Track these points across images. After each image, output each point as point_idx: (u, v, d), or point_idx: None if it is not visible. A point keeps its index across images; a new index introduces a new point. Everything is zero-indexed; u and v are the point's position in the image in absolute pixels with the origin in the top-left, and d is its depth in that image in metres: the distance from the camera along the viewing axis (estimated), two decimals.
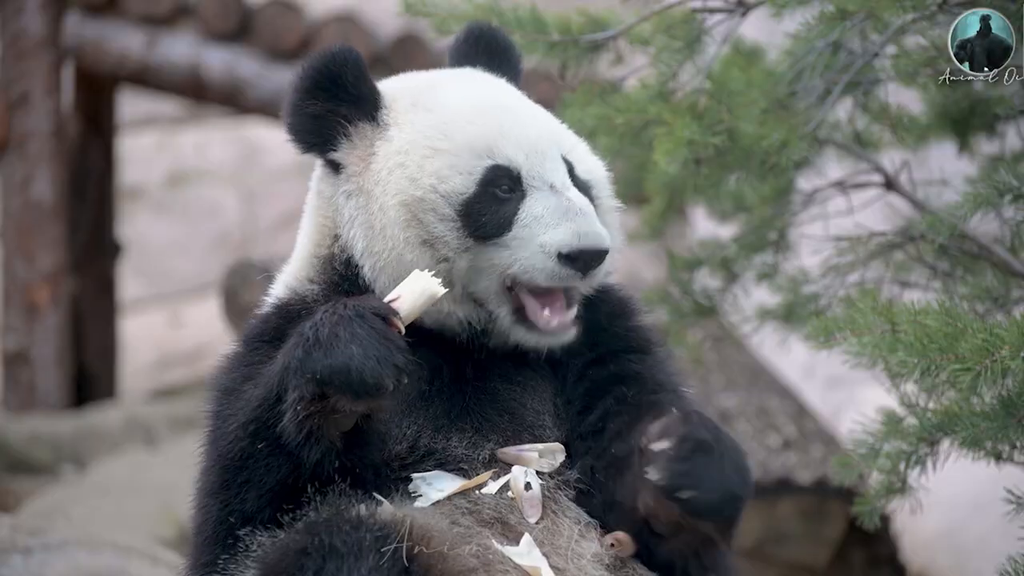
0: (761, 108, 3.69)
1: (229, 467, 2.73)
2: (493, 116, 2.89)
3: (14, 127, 9.20)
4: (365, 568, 2.58)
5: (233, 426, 2.73)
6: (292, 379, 2.61)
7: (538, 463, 2.83)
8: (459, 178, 2.84)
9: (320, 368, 2.58)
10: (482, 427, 2.85)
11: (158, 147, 14.57)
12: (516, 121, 2.90)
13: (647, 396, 2.87)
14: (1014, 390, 3.18)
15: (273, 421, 2.66)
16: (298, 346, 2.62)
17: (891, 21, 3.57)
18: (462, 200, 2.84)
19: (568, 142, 2.97)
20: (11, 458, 7.74)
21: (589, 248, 2.77)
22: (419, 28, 8.64)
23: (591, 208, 2.83)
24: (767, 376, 6.07)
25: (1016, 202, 3.48)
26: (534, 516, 2.78)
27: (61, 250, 9.26)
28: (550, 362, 2.93)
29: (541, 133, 2.90)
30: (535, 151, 2.87)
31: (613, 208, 3.00)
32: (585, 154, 3.00)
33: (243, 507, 2.72)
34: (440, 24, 3.78)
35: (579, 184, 2.91)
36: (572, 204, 2.81)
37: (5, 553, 4.23)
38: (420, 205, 2.84)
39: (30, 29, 9.21)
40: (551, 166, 2.87)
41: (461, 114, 2.90)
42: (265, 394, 2.68)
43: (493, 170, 2.85)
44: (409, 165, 2.86)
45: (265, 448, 2.69)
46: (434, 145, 2.87)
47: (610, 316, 2.99)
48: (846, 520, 5.54)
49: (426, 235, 2.84)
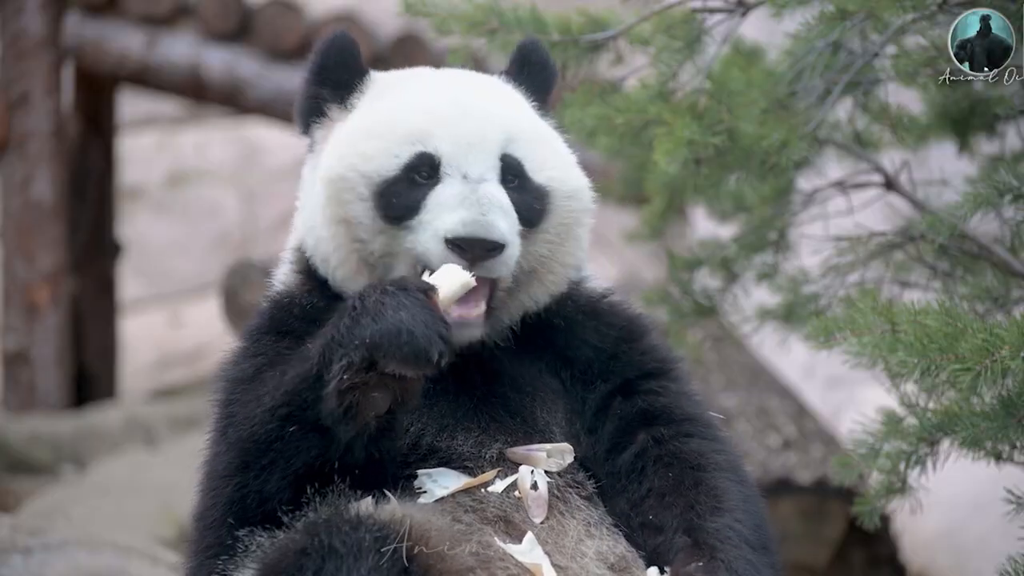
0: (761, 108, 3.69)
1: (251, 449, 2.72)
2: (439, 108, 2.90)
3: (14, 127, 9.20)
4: (364, 568, 2.58)
5: (258, 410, 2.72)
6: (339, 349, 2.62)
7: (547, 463, 2.84)
8: (383, 159, 2.86)
9: (371, 333, 2.59)
10: (489, 427, 2.86)
11: (158, 147, 14.57)
12: (460, 114, 2.89)
13: (682, 443, 2.88)
14: (1014, 390, 3.18)
15: (310, 401, 2.66)
16: (343, 317, 2.64)
17: (891, 21, 3.57)
18: (382, 181, 2.85)
19: (528, 146, 2.92)
20: (11, 458, 7.74)
21: (471, 237, 2.75)
22: (419, 28, 8.64)
23: (497, 202, 2.79)
24: (767, 376, 6.07)
25: (1016, 202, 3.48)
26: (540, 516, 2.78)
27: (61, 250, 9.26)
28: (561, 378, 2.94)
29: (482, 128, 2.88)
30: (463, 142, 2.86)
31: (576, 221, 2.94)
32: (553, 161, 2.95)
33: (263, 488, 2.71)
34: (440, 24, 3.77)
35: (530, 188, 2.88)
36: (474, 194, 2.79)
37: (5, 553, 4.23)
38: (341, 183, 2.87)
39: (30, 29, 9.21)
40: (474, 158, 2.85)
41: (409, 104, 2.93)
42: (302, 373, 2.68)
43: (419, 157, 2.86)
44: (344, 145, 2.90)
45: (296, 431, 2.68)
46: (372, 129, 2.90)
47: (619, 340, 2.98)
48: (846, 520, 5.54)
49: (343, 214, 2.87)
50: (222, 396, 2.86)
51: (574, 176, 2.97)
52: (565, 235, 2.92)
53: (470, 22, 3.75)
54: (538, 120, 3.01)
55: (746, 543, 2.76)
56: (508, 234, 2.78)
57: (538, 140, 2.95)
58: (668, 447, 2.88)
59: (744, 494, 2.85)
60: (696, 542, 2.76)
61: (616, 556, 2.79)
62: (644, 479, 2.87)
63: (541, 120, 3.03)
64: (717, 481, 2.84)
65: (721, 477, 2.85)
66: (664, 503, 2.83)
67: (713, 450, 2.89)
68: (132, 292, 13.16)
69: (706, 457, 2.87)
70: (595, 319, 3.00)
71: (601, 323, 2.99)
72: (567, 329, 2.97)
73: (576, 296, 3.01)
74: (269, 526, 2.72)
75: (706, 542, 2.75)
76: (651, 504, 2.84)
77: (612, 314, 3.02)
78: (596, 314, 3.00)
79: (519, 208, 2.85)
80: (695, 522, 2.78)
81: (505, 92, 3.04)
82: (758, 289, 4.38)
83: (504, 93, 3.04)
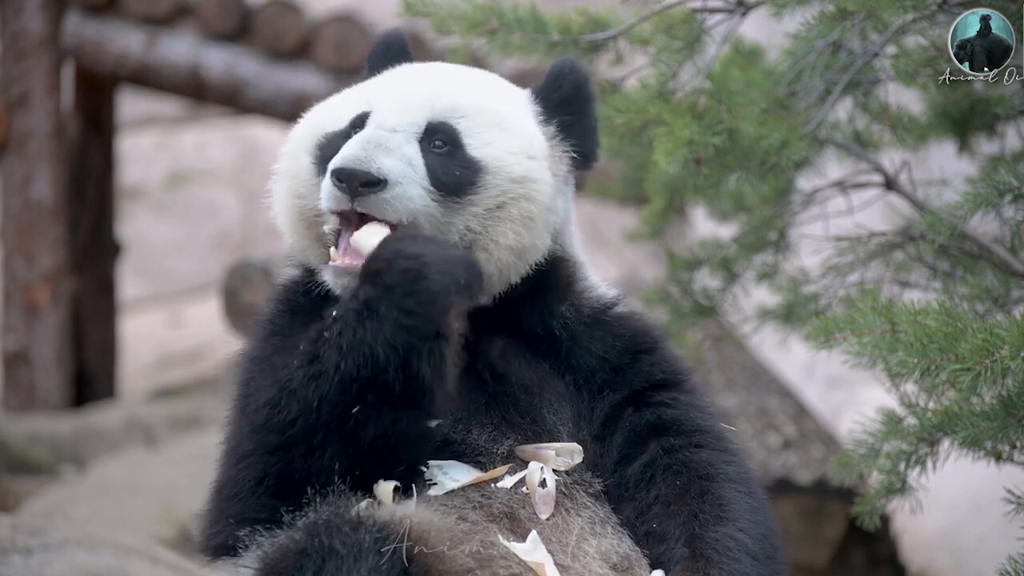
0: (761, 108, 3.69)
1: (296, 434, 2.71)
2: (396, 78, 2.99)
3: (14, 127, 9.21)
4: (364, 569, 2.59)
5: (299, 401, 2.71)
6: (434, 309, 2.67)
7: (555, 461, 2.85)
8: (333, 117, 2.95)
9: (461, 275, 2.69)
10: (501, 424, 2.87)
11: (158, 147, 14.58)
12: (406, 81, 2.97)
13: (692, 453, 2.89)
14: (1014, 390, 3.18)
15: (390, 380, 2.68)
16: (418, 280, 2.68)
17: (891, 21, 3.57)
18: (325, 134, 2.93)
19: (475, 125, 2.92)
20: (11, 458, 7.74)
21: (345, 168, 2.77)
22: (419, 28, 8.63)
23: (387, 143, 2.82)
24: (767, 376, 6.07)
25: (1016, 202, 3.48)
26: (546, 513, 2.79)
27: (61, 250, 9.27)
28: (567, 383, 2.95)
29: (419, 92, 2.93)
30: (392, 98, 2.92)
31: (515, 204, 2.91)
32: (503, 146, 2.93)
33: (312, 464, 2.71)
34: (440, 24, 3.77)
35: (460, 157, 2.89)
36: (366, 134, 2.84)
37: (5, 553, 4.23)
38: (297, 139, 2.97)
39: (30, 29, 9.21)
40: (394, 111, 2.89)
41: (379, 78, 3.03)
42: (370, 360, 2.68)
43: (362, 115, 2.92)
44: (316, 109, 3.02)
45: (367, 408, 2.69)
46: (342, 95, 3.00)
47: (624, 353, 2.98)
48: (846, 520, 5.54)
49: (293, 168, 2.95)
50: (243, 375, 2.86)
51: (523, 164, 2.92)
52: (501, 215, 2.89)
53: (470, 22, 3.75)
54: (514, 113, 2.98)
55: (747, 553, 2.76)
56: (389, 170, 2.79)
57: (493, 123, 2.94)
58: (678, 457, 2.89)
59: (751, 504, 2.85)
60: (694, 553, 2.76)
61: (619, 556, 2.80)
62: (652, 487, 2.88)
63: (525, 117, 2.99)
64: (724, 491, 2.85)
65: (728, 487, 2.85)
66: (669, 512, 2.84)
67: (723, 460, 2.90)
68: (132, 292, 13.17)
69: (715, 467, 2.88)
70: (600, 330, 3.00)
71: (608, 334, 2.99)
72: (571, 339, 2.97)
73: (579, 305, 3.01)
74: (303, 497, 2.72)
75: (703, 553, 2.76)
76: (656, 512, 2.85)
77: (618, 325, 3.01)
78: (600, 325, 3.00)
79: (437, 171, 2.86)
80: (696, 532, 2.79)
81: (493, 87, 3.04)
82: (758, 289, 4.38)
83: (490, 87, 3.03)
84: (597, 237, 12.13)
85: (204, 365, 12.76)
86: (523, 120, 2.99)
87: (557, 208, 2.98)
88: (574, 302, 3.01)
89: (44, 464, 7.83)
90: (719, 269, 4.35)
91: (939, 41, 3.56)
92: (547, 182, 2.94)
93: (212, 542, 2.84)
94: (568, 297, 3.01)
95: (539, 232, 2.93)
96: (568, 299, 3.00)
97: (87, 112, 9.86)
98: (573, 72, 3.05)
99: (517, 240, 2.90)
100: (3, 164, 9.28)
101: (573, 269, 3.05)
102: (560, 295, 3.00)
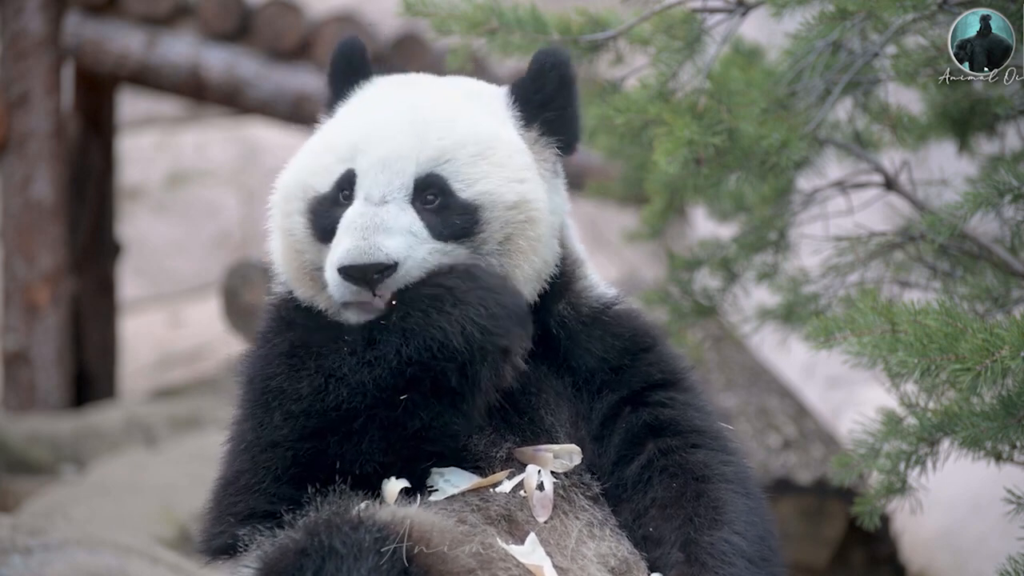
0: (761, 108, 3.69)
1: (338, 418, 2.74)
2: (373, 125, 2.92)
3: (14, 127, 9.20)
4: (364, 569, 2.59)
5: (348, 385, 2.74)
6: (511, 326, 2.76)
7: (553, 463, 2.84)
8: (321, 176, 2.92)
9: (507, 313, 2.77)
10: (500, 427, 2.87)
11: (158, 147, 14.58)
12: (385, 133, 2.90)
13: (688, 454, 2.90)
14: (1014, 390, 3.18)
15: (447, 371, 2.73)
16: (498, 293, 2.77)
17: (891, 21, 3.57)
18: (315, 197, 2.92)
19: (460, 163, 2.90)
20: (11, 458, 7.74)
21: (355, 264, 2.77)
22: (419, 28, 8.64)
23: (383, 223, 2.80)
24: (767, 376, 6.06)
25: (1016, 202, 3.48)
26: (543, 516, 2.79)
27: (61, 250, 9.27)
28: (565, 383, 2.95)
29: (401, 147, 2.88)
30: (376, 162, 2.87)
31: (519, 232, 2.89)
32: (489, 176, 2.90)
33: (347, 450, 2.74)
34: (440, 24, 3.77)
35: (455, 204, 2.86)
36: (361, 219, 2.81)
37: (5, 553, 4.23)
38: (286, 193, 2.95)
39: (30, 29, 9.21)
40: (382, 178, 2.86)
41: (355, 119, 2.97)
42: (440, 345, 2.73)
43: (346, 175, 2.90)
44: (299, 157, 2.99)
45: (417, 396, 2.74)
46: (318, 144, 2.97)
47: (623, 352, 2.98)
48: (846, 520, 5.54)
49: (287, 225, 2.94)
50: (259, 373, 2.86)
51: (514, 190, 2.90)
52: (511, 248, 2.90)
53: (470, 22, 3.75)
54: (494, 134, 2.94)
55: (743, 557, 2.76)
56: (396, 251, 2.79)
57: (476, 156, 2.90)
58: (674, 458, 2.89)
59: (748, 506, 2.85)
60: (689, 558, 2.76)
61: (618, 559, 2.79)
62: (649, 489, 2.88)
63: (504, 133, 2.96)
64: (720, 493, 2.84)
65: (725, 489, 2.85)
66: (665, 515, 2.84)
67: (720, 461, 2.90)
68: (132, 292, 13.17)
69: (711, 468, 2.88)
70: (599, 329, 2.99)
71: (607, 334, 2.99)
72: (568, 339, 2.97)
73: (578, 304, 3.01)
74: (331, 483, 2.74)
75: (699, 558, 2.76)
76: (653, 515, 2.85)
77: (617, 325, 3.01)
78: (599, 325, 3.00)
79: (438, 227, 2.85)
80: (692, 536, 2.79)
81: (464, 105, 2.99)
82: (758, 289, 4.38)
83: (461, 107, 2.98)
84: (597, 237, 12.14)
85: (204, 365, 12.76)
86: (505, 138, 2.95)
87: (556, 208, 2.98)
88: (572, 301, 3.00)
89: (44, 464, 7.83)
90: (719, 269, 4.35)
91: (939, 41, 3.55)
92: (541, 197, 2.93)
93: (213, 543, 2.84)
94: (566, 296, 3.00)
95: (547, 246, 2.94)
96: (566, 298, 3.00)
97: (87, 112, 9.86)
98: (555, 68, 3.01)
99: (531, 266, 2.91)
100: (3, 164, 9.28)
101: (574, 267, 3.04)
102: (558, 293, 2.99)
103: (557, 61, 3.02)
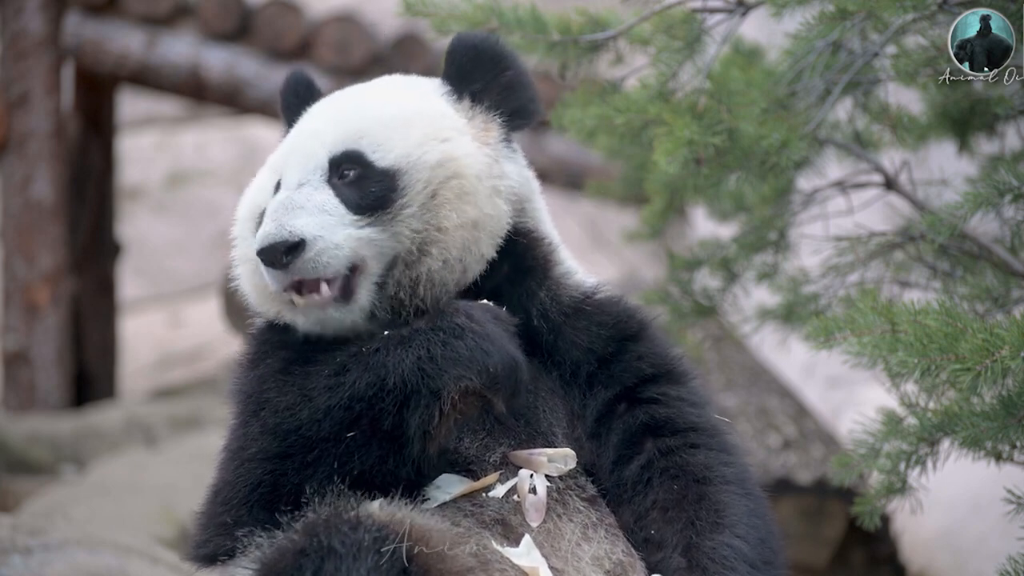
0: (761, 108, 3.69)
1: (296, 443, 2.73)
2: (299, 130, 3.00)
3: (14, 127, 9.21)
4: (364, 569, 2.58)
5: (309, 405, 2.73)
6: (450, 370, 2.68)
7: (547, 467, 2.83)
8: (263, 194, 2.99)
9: (493, 361, 2.69)
10: (494, 430, 2.86)
11: (158, 147, 14.58)
12: (308, 126, 2.98)
13: (688, 455, 2.89)
14: (1014, 390, 3.18)
15: (386, 411, 2.69)
16: (429, 335, 2.70)
17: (891, 21, 3.57)
18: (260, 214, 2.94)
19: (376, 136, 2.91)
20: (11, 458, 7.74)
21: (262, 247, 2.80)
22: (419, 28, 8.64)
23: (290, 203, 2.83)
24: (767, 376, 6.06)
25: (1016, 202, 3.48)
26: (536, 520, 2.78)
27: (61, 250, 9.27)
28: (554, 378, 2.93)
29: (317, 131, 2.94)
30: (293, 154, 2.94)
31: (444, 185, 2.89)
32: (407, 141, 2.91)
33: (301, 480, 2.72)
34: (440, 24, 3.77)
35: (373, 173, 2.88)
36: (275, 204, 2.86)
37: (5, 553, 4.23)
38: (241, 223, 3.02)
39: (30, 29, 9.21)
40: (293, 162, 2.92)
41: (289, 135, 3.05)
42: (376, 382, 2.70)
43: (277, 183, 2.97)
44: (252, 185, 3.05)
45: (358, 436, 2.71)
46: (267, 165, 3.03)
47: (609, 341, 2.96)
48: (846, 520, 5.54)
49: (246, 252, 2.98)
50: (252, 385, 2.86)
51: (437, 148, 2.91)
52: (437, 202, 2.88)
53: (470, 22, 3.75)
54: (415, 106, 2.96)
55: (744, 561, 2.76)
56: (302, 229, 2.80)
57: (395, 126, 2.92)
58: (674, 459, 2.89)
59: (749, 507, 2.85)
60: (691, 563, 2.76)
61: (612, 561, 2.79)
62: (649, 491, 2.87)
63: (428, 104, 2.97)
64: (721, 495, 2.84)
65: (726, 490, 2.85)
66: (666, 518, 2.84)
67: (721, 462, 2.89)
68: (132, 292, 13.17)
69: (712, 469, 2.87)
70: (584, 320, 2.97)
71: (591, 323, 2.97)
72: (551, 332, 2.95)
73: (558, 294, 2.98)
74: (291, 510, 2.72)
75: (700, 563, 2.76)
76: (654, 518, 2.85)
77: (601, 313, 2.99)
78: (583, 315, 2.98)
79: (355, 198, 2.86)
80: (693, 540, 2.79)
81: (388, 91, 3.04)
82: (758, 289, 4.38)
83: (385, 92, 3.03)
84: (597, 237, 12.14)
85: (204, 365, 12.77)
86: (428, 108, 2.97)
87: (505, 173, 2.96)
88: (551, 289, 2.98)
89: (44, 464, 7.83)
90: (719, 269, 4.35)
91: (939, 41, 3.55)
92: (472, 154, 2.91)
93: (200, 551, 2.83)
94: (545, 283, 2.97)
95: (486, 200, 2.91)
96: (545, 285, 2.97)
97: (87, 112, 9.87)
98: (460, 43, 3.03)
99: (461, 216, 2.88)
100: (3, 164, 9.28)
101: (548, 249, 3.02)
102: (538, 278, 2.97)
103: (460, 39, 3.05)
